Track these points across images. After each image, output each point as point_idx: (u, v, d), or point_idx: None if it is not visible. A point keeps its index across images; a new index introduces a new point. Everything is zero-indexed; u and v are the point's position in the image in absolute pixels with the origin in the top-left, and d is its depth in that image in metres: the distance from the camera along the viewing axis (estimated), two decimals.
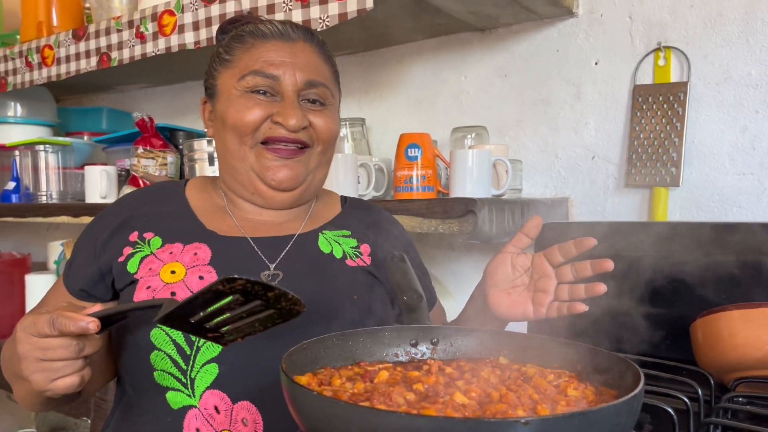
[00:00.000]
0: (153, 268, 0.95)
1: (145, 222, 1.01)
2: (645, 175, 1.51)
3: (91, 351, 0.78)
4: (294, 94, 0.99)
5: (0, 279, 2.18)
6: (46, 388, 0.77)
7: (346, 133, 1.77)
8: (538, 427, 0.44)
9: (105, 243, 1.00)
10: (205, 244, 0.98)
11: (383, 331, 0.74)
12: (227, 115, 1.00)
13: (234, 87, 1.00)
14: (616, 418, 0.48)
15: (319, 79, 1.01)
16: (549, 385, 0.62)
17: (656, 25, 1.50)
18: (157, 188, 1.10)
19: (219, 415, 0.89)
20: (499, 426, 0.45)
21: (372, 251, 1.05)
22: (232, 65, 1.02)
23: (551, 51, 1.63)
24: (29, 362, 0.76)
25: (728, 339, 0.88)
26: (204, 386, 0.90)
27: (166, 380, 0.90)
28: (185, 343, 0.90)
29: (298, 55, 1.01)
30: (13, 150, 2.10)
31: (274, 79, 0.98)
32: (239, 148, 0.99)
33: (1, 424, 2.73)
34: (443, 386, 0.62)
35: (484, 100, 1.74)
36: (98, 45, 1.80)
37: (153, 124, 1.94)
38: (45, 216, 1.94)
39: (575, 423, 0.45)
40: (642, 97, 1.51)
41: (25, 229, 2.69)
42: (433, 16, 1.60)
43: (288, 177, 0.99)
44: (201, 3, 1.56)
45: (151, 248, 0.98)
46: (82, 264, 1.00)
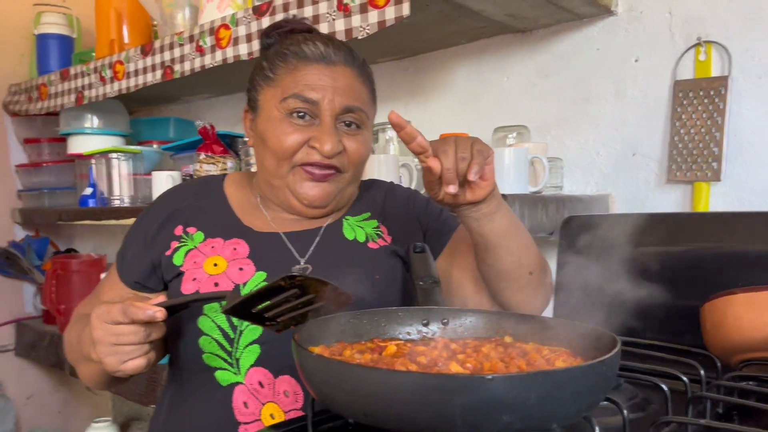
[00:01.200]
0: (197, 261, 1.05)
1: (189, 216, 1.11)
2: (686, 170, 1.51)
3: (156, 337, 0.87)
4: (331, 119, 1.04)
5: (79, 278, 2.36)
6: (117, 369, 0.86)
7: (391, 136, 1.84)
8: (502, 383, 0.49)
9: (155, 235, 1.10)
10: (243, 239, 1.07)
11: (397, 311, 0.80)
12: (267, 137, 1.05)
13: (275, 107, 1.05)
14: (583, 380, 0.53)
15: (357, 104, 1.06)
16: (541, 358, 0.67)
17: (696, 20, 1.50)
18: (199, 183, 1.19)
19: (263, 389, 0.99)
20: (467, 381, 0.50)
21: (391, 229, 1.13)
22: (274, 84, 1.07)
23: (591, 50, 1.65)
24: (103, 346, 0.85)
25: (733, 322, 0.89)
26: (248, 364, 0.99)
27: (214, 361, 1.00)
28: (229, 328, 1.00)
29: (338, 80, 1.05)
30: (90, 158, 2.28)
31: (313, 103, 1.03)
32: (276, 168, 1.06)
33: (79, 413, 2.93)
34: (445, 359, 0.68)
35: (525, 100, 1.77)
36: (163, 59, 1.94)
37: (214, 132, 2.06)
38: (117, 219, 2.10)
39: (539, 381, 0.50)
40: (683, 92, 1.52)
41: (102, 232, 2.89)
42: (472, 20, 1.65)
43: (319, 196, 1.06)
44: (253, 16, 1.67)
45: (194, 242, 1.07)
46: (135, 256, 1.10)
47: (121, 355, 0.85)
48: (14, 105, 2.60)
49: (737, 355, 0.92)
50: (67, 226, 2.91)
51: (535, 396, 0.50)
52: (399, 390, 0.52)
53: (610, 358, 0.55)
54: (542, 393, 0.51)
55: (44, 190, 2.63)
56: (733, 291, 0.91)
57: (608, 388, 0.57)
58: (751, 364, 0.90)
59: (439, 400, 0.50)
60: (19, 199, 2.77)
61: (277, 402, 0.98)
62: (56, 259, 2.45)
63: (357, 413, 0.56)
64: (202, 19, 1.85)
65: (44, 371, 2.82)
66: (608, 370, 0.55)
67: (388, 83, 2.03)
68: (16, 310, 2.76)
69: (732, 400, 0.76)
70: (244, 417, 0.98)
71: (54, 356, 2.41)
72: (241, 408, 0.98)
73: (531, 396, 0.50)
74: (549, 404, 0.52)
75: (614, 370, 0.57)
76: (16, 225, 2.78)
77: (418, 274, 0.90)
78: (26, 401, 2.78)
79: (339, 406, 0.58)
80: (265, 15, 1.64)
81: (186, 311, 1.00)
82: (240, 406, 0.98)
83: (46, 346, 2.47)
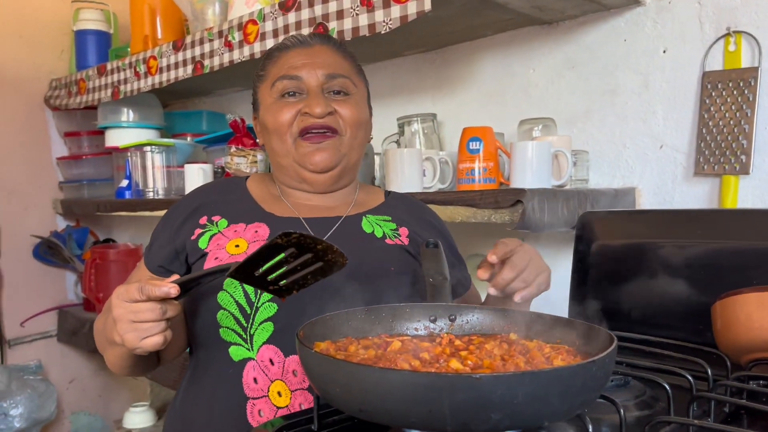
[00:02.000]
0: (220, 243, 1.10)
1: (213, 208, 1.17)
2: (714, 163, 1.48)
3: (172, 314, 0.92)
4: (317, 88, 1.14)
5: (116, 267, 2.44)
6: (137, 346, 0.91)
7: (417, 129, 1.85)
8: (489, 382, 0.51)
9: (180, 226, 1.15)
10: (264, 223, 1.12)
11: (404, 307, 0.82)
12: (266, 121, 1.17)
13: (269, 95, 1.17)
14: (571, 379, 0.53)
15: (339, 71, 1.16)
16: (542, 356, 0.68)
17: (726, 10, 1.47)
18: (223, 181, 1.27)
19: (273, 366, 1.03)
20: (456, 380, 0.52)
21: (410, 234, 1.17)
22: (265, 78, 1.19)
23: (618, 41, 1.63)
24: (123, 323, 0.90)
25: (744, 321, 0.88)
26: (261, 341, 1.03)
27: (230, 336, 1.05)
28: (246, 303, 1.04)
29: (317, 56, 1.16)
30: (126, 151, 2.35)
31: (298, 79, 1.14)
32: (281, 147, 1.15)
33: (119, 397, 3.03)
34: (447, 355, 0.69)
35: (552, 92, 1.76)
36: (193, 54, 1.98)
37: (244, 125, 2.10)
38: (151, 210, 2.16)
39: (526, 381, 0.51)
40: (711, 84, 1.49)
41: (139, 223, 2.97)
42: (498, 13, 1.64)
43: (323, 159, 1.13)
44: (279, 12, 1.69)
45: (218, 228, 1.13)
46: (161, 245, 1.16)
47: (139, 331, 0.90)
48: (55, 99, 2.69)
49: (747, 355, 0.91)
50: (106, 217, 3.00)
51: (523, 395, 0.51)
52: (390, 387, 0.53)
53: (601, 359, 0.56)
54: (529, 392, 0.52)
55: (84, 182, 2.72)
56: (743, 290, 0.90)
57: (601, 387, 0.57)
58: (760, 364, 0.90)
59: (429, 398, 0.52)
60: (61, 190, 2.87)
61: (285, 380, 1.02)
62: (95, 248, 2.53)
63: (353, 408, 0.58)
64: (231, 14, 1.88)
65: (85, 356, 2.92)
66: (599, 370, 0.56)
67: (415, 75, 2.03)
68: (59, 297, 2.87)
69: (735, 401, 0.75)
70: (253, 392, 1.02)
71: (94, 343, 2.49)
72: (250, 383, 1.02)
73: (518, 395, 0.51)
74: (537, 403, 0.53)
75: (607, 370, 0.58)
76: (58, 215, 2.88)
77: (429, 270, 0.91)
78: (68, 385, 2.89)
79: (337, 401, 0.60)
80: (291, 10, 1.66)
81: (207, 286, 1.05)
82: (250, 381, 1.02)
83: (86, 333, 2.56)
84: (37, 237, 2.76)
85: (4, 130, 2.69)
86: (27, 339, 2.77)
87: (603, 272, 1.21)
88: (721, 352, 0.95)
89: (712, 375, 0.82)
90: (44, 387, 2.59)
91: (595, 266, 1.25)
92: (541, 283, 0.96)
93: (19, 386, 2.51)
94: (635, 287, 1.11)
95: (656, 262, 1.15)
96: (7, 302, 2.71)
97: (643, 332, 1.06)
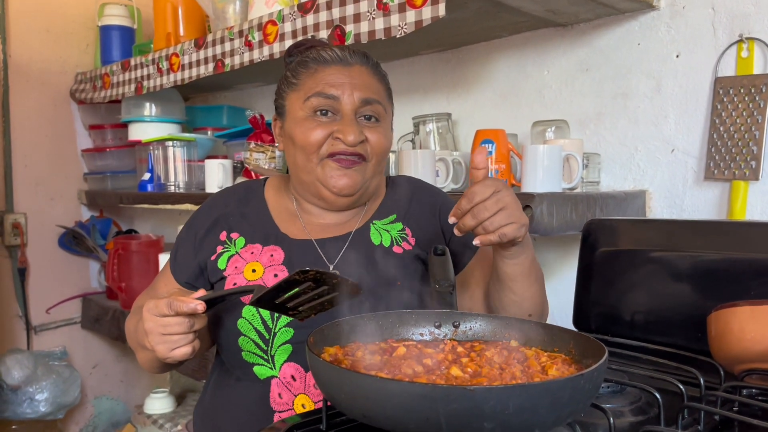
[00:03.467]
0: (238, 267, 1.15)
1: (233, 222, 1.21)
2: (724, 168, 1.50)
3: (199, 327, 0.98)
4: (352, 112, 1.13)
5: (138, 257, 2.51)
6: (167, 356, 0.97)
7: (432, 128, 1.88)
8: (482, 394, 0.55)
9: (202, 239, 1.20)
10: (279, 246, 1.16)
11: (410, 313, 0.86)
12: (294, 135, 1.14)
13: (300, 108, 1.14)
14: (560, 392, 0.57)
15: (374, 96, 1.15)
16: (538, 365, 0.71)
17: (739, 17, 1.48)
18: (242, 188, 1.29)
19: (296, 382, 1.08)
20: (450, 391, 0.56)
21: (415, 232, 1.20)
22: (297, 88, 1.16)
23: (632, 44, 1.65)
24: (154, 336, 0.96)
25: (737, 333, 0.91)
26: (282, 360, 1.09)
27: (252, 358, 1.11)
28: (264, 330, 1.10)
29: (355, 77, 1.14)
30: (148, 145, 2.41)
31: (334, 99, 1.12)
32: (306, 164, 1.14)
33: (140, 383, 3.12)
34: (449, 362, 0.73)
35: (565, 94, 1.78)
36: (215, 52, 2.03)
37: (264, 121, 2.14)
38: (172, 203, 2.22)
39: (516, 393, 0.55)
40: (723, 89, 1.50)
41: (160, 214, 3.04)
42: (512, 16, 1.66)
43: (347, 185, 1.13)
44: (298, 14, 1.73)
45: (236, 248, 1.18)
46: (185, 256, 1.21)
47: (169, 343, 0.96)
48: (80, 93, 2.76)
49: (739, 365, 0.94)
50: (128, 208, 3.08)
51: (513, 406, 0.55)
52: (391, 396, 0.57)
53: (589, 372, 0.59)
54: (520, 404, 0.55)
55: (107, 174, 2.79)
56: (737, 303, 0.93)
57: (589, 398, 0.61)
58: (752, 374, 0.92)
59: (426, 407, 0.56)
60: (85, 181, 2.94)
61: (308, 394, 1.08)
62: (118, 239, 2.60)
63: (357, 414, 0.62)
64: (252, 14, 1.93)
65: (107, 343, 3.01)
66: (587, 383, 0.60)
67: (431, 75, 2.06)
68: (83, 285, 2.95)
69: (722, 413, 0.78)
70: (279, 406, 1.09)
71: (116, 330, 2.58)
72: (276, 398, 1.08)
73: (509, 406, 0.55)
74: (527, 414, 0.56)
75: (595, 383, 0.61)
76: (83, 206, 2.96)
77: (436, 276, 0.95)
78: (92, 370, 2.98)
79: (342, 406, 0.64)
80: (309, 12, 1.70)
81: (226, 313, 1.12)
82: (275, 396, 1.08)
83: (109, 320, 2.64)
84: (62, 227, 2.84)
85: (31, 122, 2.77)
86: (52, 326, 2.86)
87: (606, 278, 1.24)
88: (715, 362, 0.98)
89: (704, 384, 0.85)
90: (68, 373, 2.68)
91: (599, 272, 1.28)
92: (504, 233, 0.92)
93: (44, 372, 2.60)
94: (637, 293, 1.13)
95: (658, 269, 1.18)
96: (33, 290, 2.80)
97: (643, 338, 1.10)
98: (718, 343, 0.96)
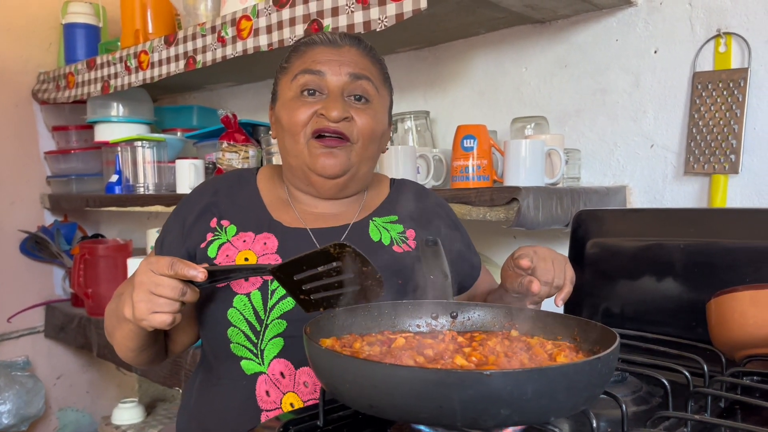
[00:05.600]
0: (229, 255, 1.09)
1: (223, 209, 1.15)
2: (704, 162, 1.50)
3: (190, 299, 0.93)
4: (338, 90, 1.09)
5: (105, 262, 2.43)
6: (144, 318, 0.92)
7: (410, 126, 1.86)
8: (499, 378, 0.52)
9: (192, 225, 1.14)
10: (273, 234, 1.11)
11: (406, 304, 0.83)
12: (281, 116, 1.12)
13: (288, 89, 1.12)
14: (578, 375, 0.55)
15: (364, 72, 1.11)
16: (544, 353, 0.69)
17: (716, 12, 1.49)
18: (234, 176, 1.23)
19: (284, 379, 1.04)
20: (466, 376, 0.53)
21: (417, 235, 1.16)
22: (287, 70, 1.15)
23: (610, 40, 1.65)
24: (141, 291, 0.91)
25: (738, 318, 0.91)
26: (272, 356, 1.04)
27: (241, 351, 1.05)
28: (256, 321, 1.04)
29: (344, 55, 1.12)
30: (116, 146, 2.33)
31: (320, 74, 1.09)
32: (294, 146, 1.11)
33: (107, 393, 3.02)
34: (451, 351, 0.70)
35: (544, 91, 1.78)
36: (186, 49, 1.97)
37: (236, 121, 2.10)
38: (142, 206, 2.15)
39: (534, 377, 0.53)
40: (701, 84, 1.51)
41: (128, 218, 2.95)
42: (491, 11, 1.65)
43: (332, 164, 1.09)
44: (273, 8, 1.69)
45: (227, 236, 1.12)
46: (172, 244, 1.15)
47: (152, 304, 0.91)
48: (43, 93, 2.66)
49: (741, 351, 0.93)
50: (94, 212, 2.99)
51: (532, 391, 0.53)
52: (402, 384, 0.54)
53: (606, 356, 0.57)
54: (538, 388, 0.53)
55: (72, 177, 2.70)
56: (737, 288, 0.92)
57: (605, 383, 0.59)
58: (754, 360, 0.92)
59: (440, 394, 0.53)
60: (48, 185, 2.85)
61: (297, 392, 1.03)
62: (84, 244, 2.52)
63: (362, 404, 0.59)
64: (224, 10, 1.88)
65: (73, 352, 2.91)
66: (604, 367, 0.57)
67: (407, 73, 2.04)
68: (46, 292, 2.85)
69: (731, 397, 0.77)
70: (266, 405, 1.03)
71: (82, 338, 2.48)
72: (263, 396, 1.03)
73: (527, 391, 0.53)
74: (545, 399, 0.54)
75: (611, 367, 0.59)
76: (46, 210, 2.86)
77: (430, 267, 0.92)
78: (56, 381, 2.87)
79: (346, 397, 0.61)
80: (285, 6, 1.66)
81: (215, 303, 1.06)
82: (262, 394, 1.03)
83: (74, 328, 2.54)
84: (24, 232, 2.74)
85: None
86: (14, 335, 2.75)
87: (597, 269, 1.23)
88: (715, 349, 0.97)
89: (708, 371, 0.84)
90: (32, 383, 2.58)
91: (590, 263, 1.27)
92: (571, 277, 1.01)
93: (6, 382, 2.49)
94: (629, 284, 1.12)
95: (649, 259, 1.17)
96: None
97: (636, 328, 1.09)
98: (719, 329, 0.95)
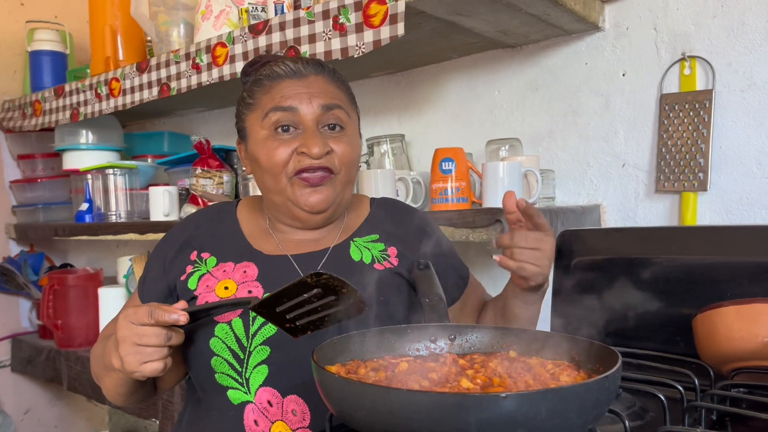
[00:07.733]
0: (209, 285, 1.08)
1: (203, 242, 1.15)
2: (674, 180, 1.56)
3: (176, 342, 0.92)
4: (313, 123, 1.09)
5: (75, 292, 2.38)
6: (136, 370, 0.91)
7: (386, 149, 1.88)
8: (515, 400, 0.53)
9: (172, 260, 1.14)
10: (253, 262, 1.11)
11: (406, 329, 0.84)
12: (258, 156, 1.10)
13: (260, 128, 1.11)
14: (588, 394, 0.56)
15: (335, 101, 1.11)
16: (546, 373, 0.71)
17: (681, 36, 1.55)
18: (215, 209, 1.23)
19: (272, 408, 1.02)
20: (483, 399, 0.54)
21: (399, 252, 1.16)
22: (254, 107, 1.13)
23: (580, 64, 1.70)
24: (126, 345, 0.90)
25: (724, 333, 0.94)
26: (257, 384, 1.03)
27: (226, 381, 1.04)
28: (239, 349, 1.04)
29: (312, 86, 1.11)
30: (86, 174, 2.30)
31: (292, 110, 1.08)
32: (275, 185, 1.10)
33: (76, 427, 2.94)
34: (454, 374, 0.72)
35: (517, 113, 1.82)
36: (159, 76, 1.97)
37: (210, 146, 2.09)
38: (114, 234, 2.12)
39: (549, 398, 0.54)
40: (669, 105, 1.57)
41: (97, 246, 2.90)
42: (464, 37, 1.69)
43: (319, 201, 1.09)
44: (249, 35, 1.70)
45: (207, 267, 1.12)
46: (154, 279, 1.15)
47: (141, 355, 0.90)
48: (8, 121, 2.61)
49: (729, 364, 0.97)
50: (61, 241, 2.92)
51: (546, 411, 0.54)
52: (418, 408, 0.55)
53: (613, 374, 0.59)
54: (551, 408, 0.54)
55: (39, 206, 2.65)
56: (723, 303, 0.96)
57: (611, 400, 0.61)
58: (741, 373, 0.95)
59: (456, 418, 0.54)
60: (14, 214, 2.78)
61: (285, 420, 1.02)
62: (53, 274, 2.46)
63: (376, 430, 0.60)
64: (198, 37, 1.88)
65: (41, 386, 2.83)
66: (611, 385, 0.59)
67: (381, 97, 2.07)
68: (12, 325, 2.77)
69: (725, 409, 0.80)
70: None
71: (51, 371, 2.41)
72: (252, 426, 1.02)
73: (542, 411, 0.54)
74: (558, 418, 0.55)
75: (616, 384, 0.61)
76: (11, 240, 2.79)
77: (424, 291, 0.94)
78: (23, 416, 2.78)
79: (358, 423, 0.61)
80: (261, 34, 1.67)
81: (198, 333, 1.05)
82: (251, 424, 1.02)
83: (42, 361, 2.48)
84: None
85: None
86: None
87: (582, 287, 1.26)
88: (703, 363, 1.00)
89: (699, 385, 0.87)
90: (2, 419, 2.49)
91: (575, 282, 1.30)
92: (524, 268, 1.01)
93: None
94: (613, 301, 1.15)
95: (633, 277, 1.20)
96: None
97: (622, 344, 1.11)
98: (707, 343, 0.98)
